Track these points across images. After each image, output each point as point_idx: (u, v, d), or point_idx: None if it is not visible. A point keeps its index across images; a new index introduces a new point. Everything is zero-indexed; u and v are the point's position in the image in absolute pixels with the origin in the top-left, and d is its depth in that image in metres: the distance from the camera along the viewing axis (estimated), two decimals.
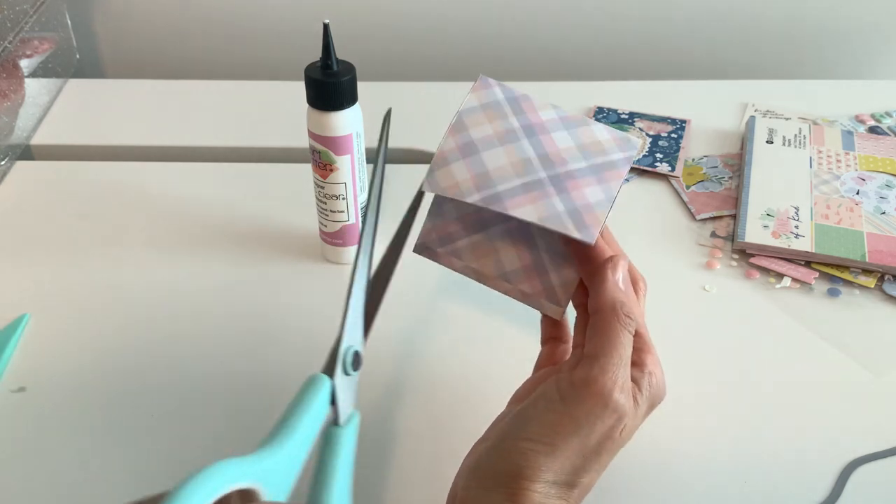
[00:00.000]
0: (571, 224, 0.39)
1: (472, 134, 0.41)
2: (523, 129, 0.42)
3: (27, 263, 0.60)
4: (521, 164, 0.41)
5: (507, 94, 0.43)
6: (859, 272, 0.58)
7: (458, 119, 0.42)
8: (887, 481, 0.45)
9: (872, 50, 0.90)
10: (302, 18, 0.88)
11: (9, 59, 0.71)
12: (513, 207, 0.39)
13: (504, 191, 0.40)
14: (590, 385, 0.36)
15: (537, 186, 0.40)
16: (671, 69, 0.92)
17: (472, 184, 0.40)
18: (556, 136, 0.42)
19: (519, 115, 0.42)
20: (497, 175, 0.40)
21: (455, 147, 0.41)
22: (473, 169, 0.40)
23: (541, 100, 0.43)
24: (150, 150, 0.73)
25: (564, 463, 0.35)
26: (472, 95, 0.43)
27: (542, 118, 0.42)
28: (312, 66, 0.53)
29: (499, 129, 0.42)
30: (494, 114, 0.42)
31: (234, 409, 0.49)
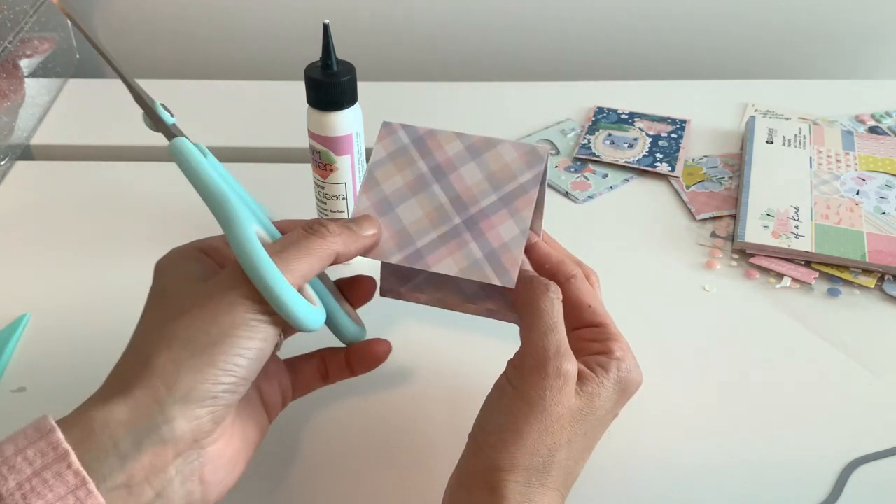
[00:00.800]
0: (490, 271, 0.40)
1: (384, 189, 0.43)
2: (432, 171, 0.43)
3: (27, 263, 0.60)
4: (436, 212, 0.42)
5: (412, 135, 0.44)
6: (859, 272, 0.58)
7: (369, 174, 0.43)
8: (887, 481, 0.45)
9: (872, 50, 0.90)
10: (302, 18, 0.88)
11: (9, 59, 0.71)
12: (434, 263, 0.41)
13: (423, 246, 0.41)
14: (526, 360, 0.37)
15: (453, 235, 0.41)
16: (671, 69, 0.92)
17: (393, 243, 0.42)
18: (465, 172, 0.43)
19: (426, 157, 0.43)
20: (414, 229, 0.42)
21: (370, 206, 0.42)
22: (391, 227, 0.42)
23: (444, 131, 0.44)
24: (149, 150, 0.73)
25: (536, 444, 0.36)
26: (379, 146, 0.44)
27: (449, 153, 0.43)
28: (312, 66, 0.53)
29: (409, 177, 0.43)
30: (402, 161, 0.43)
31: None
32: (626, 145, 0.71)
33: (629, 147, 0.71)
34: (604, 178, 0.68)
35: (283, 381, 0.42)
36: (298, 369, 0.43)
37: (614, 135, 0.73)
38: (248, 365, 0.34)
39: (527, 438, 0.36)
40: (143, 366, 0.33)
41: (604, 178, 0.68)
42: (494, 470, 0.35)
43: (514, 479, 0.35)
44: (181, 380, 0.32)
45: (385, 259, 0.41)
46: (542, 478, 0.36)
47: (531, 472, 0.36)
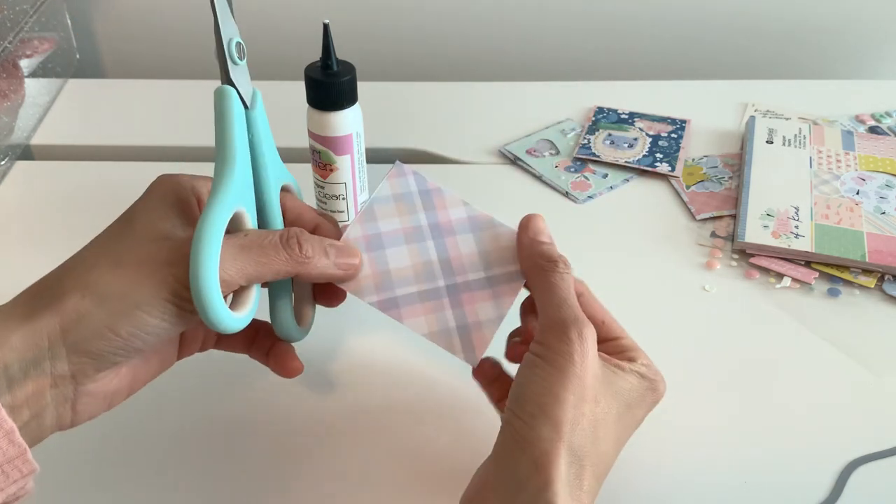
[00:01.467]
0: (458, 344, 0.41)
1: (380, 226, 0.43)
2: (430, 227, 0.43)
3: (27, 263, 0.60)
4: (423, 267, 0.42)
5: (421, 185, 0.44)
6: (859, 272, 0.58)
7: (370, 207, 0.43)
8: (887, 481, 0.45)
9: (872, 50, 0.90)
10: (302, 18, 0.88)
11: (9, 59, 0.71)
12: (406, 317, 0.41)
13: (401, 296, 0.41)
14: (548, 333, 0.37)
15: (434, 296, 0.41)
16: (671, 69, 0.92)
17: (373, 282, 0.41)
18: (461, 240, 0.43)
19: (428, 211, 0.43)
20: (398, 277, 0.42)
21: (361, 237, 0.42)
22: (376, 266, 0.42)
23: (452, 194, 0.44)
24: (150, 150, 0.73)
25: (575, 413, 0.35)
26: (386, 184, 0.44)
27: (451, 217, 0.43)
28: (312, 66, 0.53)
29: (406, 224, 0.43)
30: (405, 207, 0.43)
31: (233, 407, 0.49)
32: (626, 145, 0.71)
33: (629, 147, 0.71)
34: (604, 178, 0.68)
35: (209, 331, 0.42)
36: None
37: (614, 135, 0.73)
38: (149, 340, 0.35)
39: (566, 403, 0.35)
40: (54, 299, 0.35)
41: (604, 178, 0.68)
42: (539, 441, 0.35)
43: (560, 454, 0.34)
44: (79, 330, 0.34)
45: (360, 297, 0.41)
46: (582, 457, 0.35)
47: (574, 448, 0.35)
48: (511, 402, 0.37)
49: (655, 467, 0.46)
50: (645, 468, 0.46)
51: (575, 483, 0.35)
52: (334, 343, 0.54)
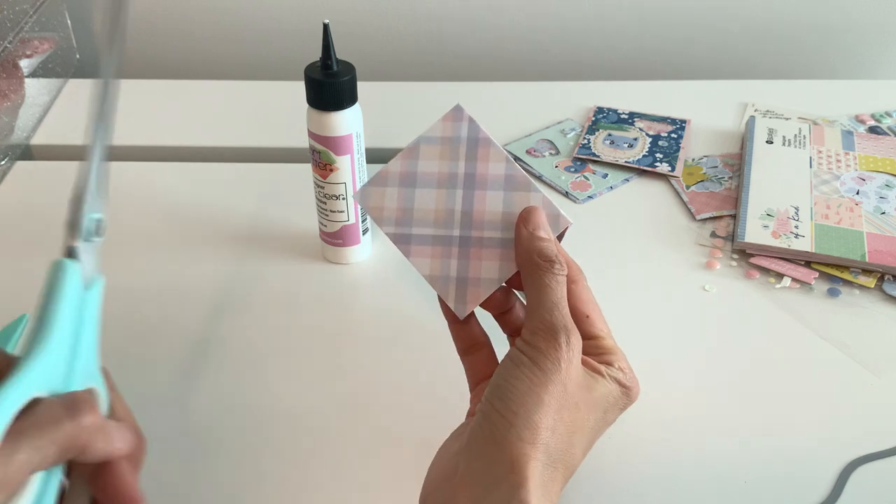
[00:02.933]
0: (453, 293, 0.42)
1: (419, 165, 0.44)
2: (465, 177, 0.44)
3: (27, 263, 0.60)
4: (444, 213, 0.43)
5: (472, 132, 0.44)
6: (859, 272, 0.58)
7: (416, 145, 0.44)
8: (887, 481, 0.45)
9: (872, 50, 0.90)
10: (302, 18, 0.88)
11: (9, 59, 0.71)
12: (414, 254, 0.43)
13: (415, 235, 0.43)
14: (538, 333, 0.37)
15: (445, 242, 0.43)
16: (671, 69, 0.92)
17: (394, 215, 0.43)
18: (490, 196, 0.43)
19: (469, 161, 0.44)
20: (418, 216, 0.43)
21: (398, 172, 0.44)
22: (402, 201, 0.43)
23: (499, 149, 0.44)
24: (150, 150, 0.73)
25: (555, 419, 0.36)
26: (440, 124, 0.45)
27: (489, 171, 0.44)
28: (312, 66, 0.53)
29: (444, 169, 0.44)
30: (448, 151, 0.44)
31: (234, 407, 0.49)
32: (626, 145, 0.71)
33: (629, 147, 0.71)
34: (604, 178, 0.68)
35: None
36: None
37: (614, 135, 0.73)
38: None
39: (548, 408, 0.36)
40: None
41: (604, 178, 0.68)
42: (517, 441, 0.35)
43: (535, 457, 0.35)
44: None
45: (378, 225, 0.43)
46: (556, 461, 0.36)
47: (550, 452, 0.36)
48: (492, 394, 0.37)
49: (655, 467, 0.46)
50: (645, 468, 0.46)
51: (549, 486, 0.35)
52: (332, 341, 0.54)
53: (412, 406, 0.49)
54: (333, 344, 0.54)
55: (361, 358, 0.53)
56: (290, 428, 0.48)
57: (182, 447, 0.47)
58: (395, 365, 0.52)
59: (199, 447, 0.47)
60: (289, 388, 0.51)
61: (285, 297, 0.57)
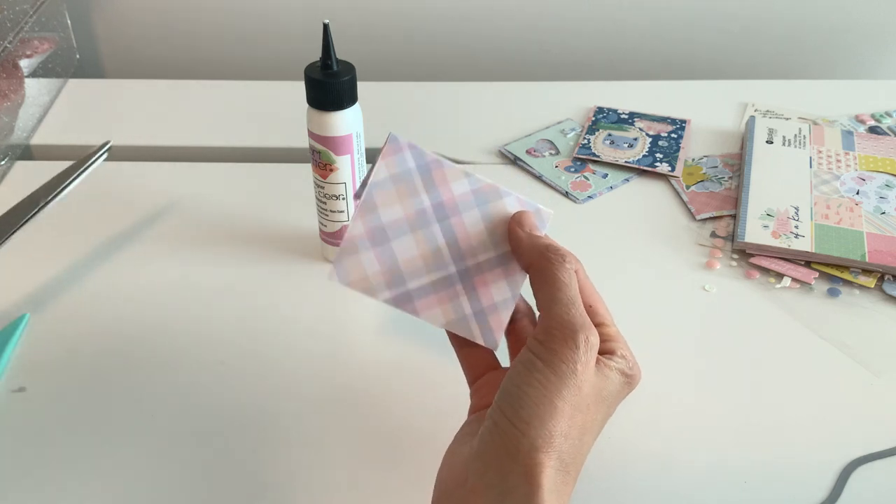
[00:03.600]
0: (477, 329, 0.41)
1: (381, 216, 0.40)
2: (434, 208, 0.41)
3: (27, 263, 0.60)
4: (432, 255, 0.41)
5: (419, 159, 0.41)
6: (859, 272, 0.58)
7: (368, 195, 0.41)
8: (887, 481, 0.45)
9: (872, 50, 0.90)
10: (302, 18, 0.88)
11: (9, 59, 0.71)
12: (422, 310, 0.41)
13: (415, 289, 0.40)
14: (553, 333, 0.36)
15: (446, 284, 0.41)
16: (671, 69, 0.92)
17: (383, 279, 0.40)
18: (467, 218, 0.41)
19: (430, 190, 0.41)
20: (407, 269, 0.40)
21: (364, 232, 0.40)
22: (384, 262, 0.40)
23: (452, 167, 0.42)
24: (150, 150, 0.73)
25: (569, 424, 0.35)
26: (383, 164, 0.41)
27: (454, 192, 0.41)
28: (312, 66, 0.53)
29: (409, 210, 0.41)
30: (405, 189, 0.41)
31: (234, 408, 0.49)
32: (626, 145, 0.71)
33: (629, 147, 0.71)
34: (604, 178, 0.68)
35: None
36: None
37: (614, 135, 0.73)
38: None
39: (562, 415, 0.35)
40: None
41: (604, 178, 0.68)
42: (532, 450, 0.34)
43: (548, 465, 0.34)
44: None
45: (372, 296, 0.40)
46: (568, 465, 0.35)
47: (562, 456, 0.35)
48: (503, 400, 0.36)
49: (655, 467, 0.46)
50: (645, 468, 0.46)
51: (561, 489, 0.35)
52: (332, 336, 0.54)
53: (414, 405, 0.49)
54: (333, 344, 0.54)
55: (361, 357, 0.53)
56: (291, 427, 0.48)
57: (182, 447, 0.47)
58: (396, 364, 0.52)
59: (199, 447, 0.47)
60: (289, 388, 0.51)
61: (285, 297, 0.57)
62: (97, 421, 0.49)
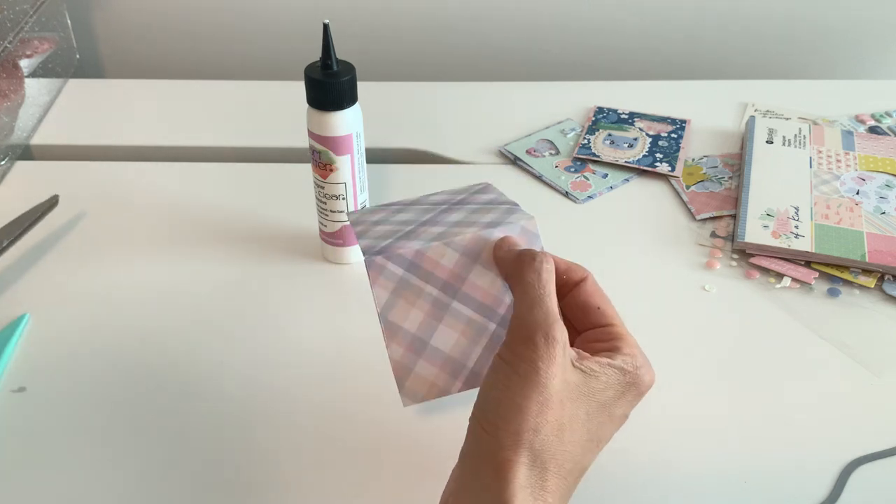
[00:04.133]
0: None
1: (407, 328, 0.41)
2: (443, 291, 0.41)
3: (27, 263, 0.60)
4: (469, 329, 0.41)
5: (402, 263, 0.41)
6: (859, 272, 0.58)
7: (385, 321, 0.41)
8: (887, 481, 0.45)
9: (872, 50, 0.90)
10: (302, 18, 0.88)
11: (9, 59, 0.71)
12: (464, 387, 0.41)
13: (475, 365, 0.41)
14: (514, 335, 0.37)
15: (494, 340, 0.41)
16: (671, 69, 0.92)
17: (446, 374, 0.41)
18: (474, 278, 0.41)
19: (430, 280, 0.41)
20: (458, 353, 0.41)
21: (404, 351, 0.41)
22: (435, 361, 0.41)
23: (431, 246, 0.42)
24: (150, 150, 0.73)
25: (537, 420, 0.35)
26: (377, 289, 0.41)
27: (448, 266, 0.41)
28: (312, 66, 0.53)
29: (425, 307, 0.41)
30: (410, 294, 0.41)
31: (235, 408, 0.49)
32: (626, 145, 0.71)
33: (629, 147, 0.71)
34: (604, 178, 0.68)
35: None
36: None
37: (614, 135, 0.73)
38: None
39: (527, 413, 0.35)
40: None
41: (604, 178, 0.68)
42: (499, 449, 0.35)
43: (519, 460, 0.35)
44: None
45: (449, 393, 0.41)
46: (545, 460, 0.35)
47: (535, 452, 0.35)
48: (475, 406, 0.37)
49: (655, 467, 0.46)
50: (645, 468, 0.46)
51: (537, 485, 0.35)
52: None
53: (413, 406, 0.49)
54: (333, 344, 0.54)
55: (361, 357, 0.53)
56: (290, 427, 0.48)
57: (181, 447, 0.47)
58: None
59: (199, 447, 0.47)
60: (289, 388, 0.51)
61: (285, 297, 0.57)
62: (97, 421, 0.49)
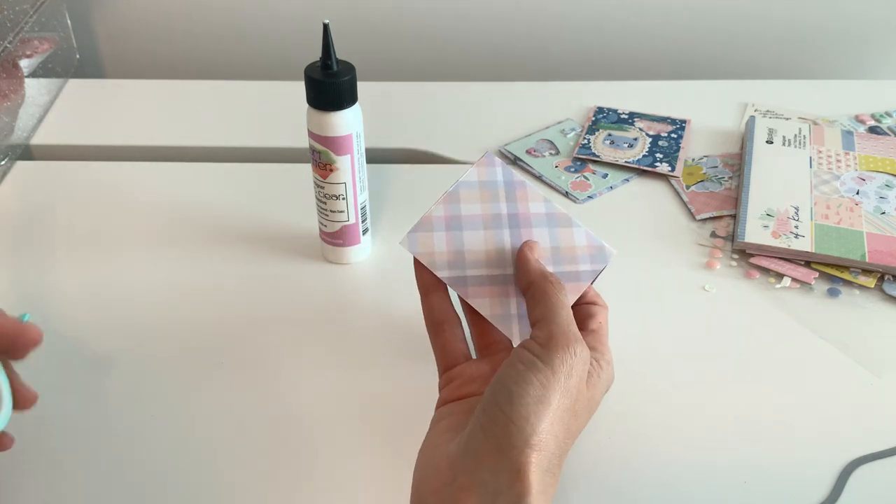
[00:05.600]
0: (517, 330, 0.43)
1: (461, 208, 0.45)
2: (509, 217, 0.45)
3: (27, 263, 0.60)
4: (496, 254, 0.44)
5: (507, 177, 0.46)
6: (859, 272, 0.58)
7: (456, 190, 0.45)
8: (887, 481, 0.45)
9: (872, 50, 0.90)
10: (302, 18, 0.88)
11: (9, 59, 0.71)
12: (473, 296, 0.43)
13: (471, 277, 0.43)
14: (555, 340, 0.38)
15: (501, 282, 0.44)
16: (671, 69, 0.92)
17: (447, 259, 0.44)
18: (536, 233, 0.45)
19: (510, 202, 0.45)
20: (470, 258, 0.44)
21: (443, 217, 0.44)
22: (452, 245, 0.44)
23: (536, 190, 0.46)
24: (150, 150, 0.73)
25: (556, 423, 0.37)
26: (474, 170, 0.45)
27: (531, 210, 0.45)
28: (312, 66, 0.53)
29: (487, 211, 0.45)
30: (488, 194, 0.45)
31: (235, 409, 0.49)
32: (626, 145, 0.71)
33: (629, 147, 0.71)
34: (604, 178, 0.68)
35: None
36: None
37: (614, 135, 0.73)
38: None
39: (555, 414, 0.37)
40: None
41: (604, 178, 0.68)
42: (525, 447, 0.36)
43: (537, 464, 0.36)
44: None
45: (432, 268, 0.43)
46: (553, 467, 0.37)
47: (550, 456, 0.36)
48: (501, 396, 0.37)
49: (655, 467, 0.46)
50: (645, 469, 0.46)
51: (548, 491, 0.36)
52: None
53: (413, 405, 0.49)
54: (333, 344, 0.54)
55: (361, 357, 0.53)
56: (290, 427, 0.48)
57: (182, 447, 0.47)
58: (396, 364, 0.52)
59: (199, 447, 0.47)
60: (288, 388, 0.51)
61: (285, 297, 0.57)
62: (97, 421, 0.49)
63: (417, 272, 0.45)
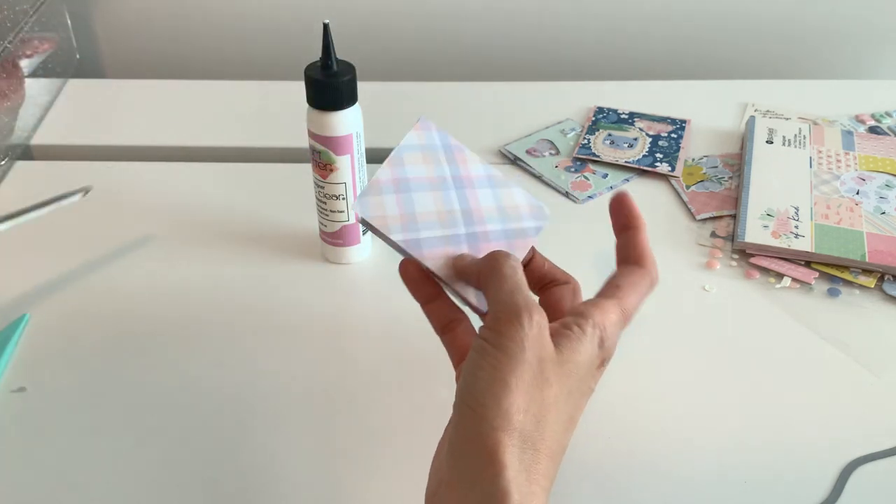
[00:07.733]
0: (472, 290, 0.42)
1: (407, 171, 0.45)
2: (453, 179, 0.45)
3: (27, 263, 0.60)
4: (446, 214, 0.44)
5: (444, 140, 0.46)
6: (859, 272, 0.58)
7: (398, 153, 0.45)
8: (887, 481, 0.45)
9: (872, 50, 0.90)
10: (302, 18, 0.88)
11: (9, 59, 0.71)
12: (429, 257, 0.43)
13: (425, 238, 0.43)
14: (499, 317, 0.37)
15: (454, 241, 0.44)
16: (671, 69, 0.92)
17: (400, 222, 0.43)
18: (480, 194, 0.45)
19: (451, 165, 0.45)
20: (423, 219, 0.44)
21: (390, 179, 0.44)
22: (403, 207, 0.44)
23: (472, 154, 0.46)
24: (150, 150, 0.73)
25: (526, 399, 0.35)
26: (413, 134, 0.45)
27: (471, 172, 0.45)
28: (312, 66, 0.53)
29: (432, 173, 0.45)
30: (430, 157, 0.45)
31: (235, 409, 0.49)
32: (626, 145, 0.71)
33: (629, 147, 0.71)
34: (604, 178, 0.68)
35: None
36: None
37: (614, 135, 0.73)
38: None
39: (516, 391, 0.35)
40: None
41: (604, 178, 0.68)
42: (491, 431, 0.35)
43: (510, 443, 0.35)
44: None
45: (387, 234, 0.43)
46: (535, 442, 0.35)
47: (525, 433, 0.35)
48: (461, 390, 0.37)
49: (655, 467, 0.46)
50: (645, 469, 0.46)
51: (532, 468, 0.35)
52: None
53: (413, 405, 0.49)
54: (333, 344, 0.54)
55: (361, 357, 0.53)
56: (290, 427, 0.48)
57: (181, 446, 0.47)
58: (395, 364, 0.52)
59: (199, 446, 0.47)
60: (289, 388, 0.51)
61: (285, 297, 0.57)
62: (97, 421, 0.49)
63: (409, 286, 0.44)
